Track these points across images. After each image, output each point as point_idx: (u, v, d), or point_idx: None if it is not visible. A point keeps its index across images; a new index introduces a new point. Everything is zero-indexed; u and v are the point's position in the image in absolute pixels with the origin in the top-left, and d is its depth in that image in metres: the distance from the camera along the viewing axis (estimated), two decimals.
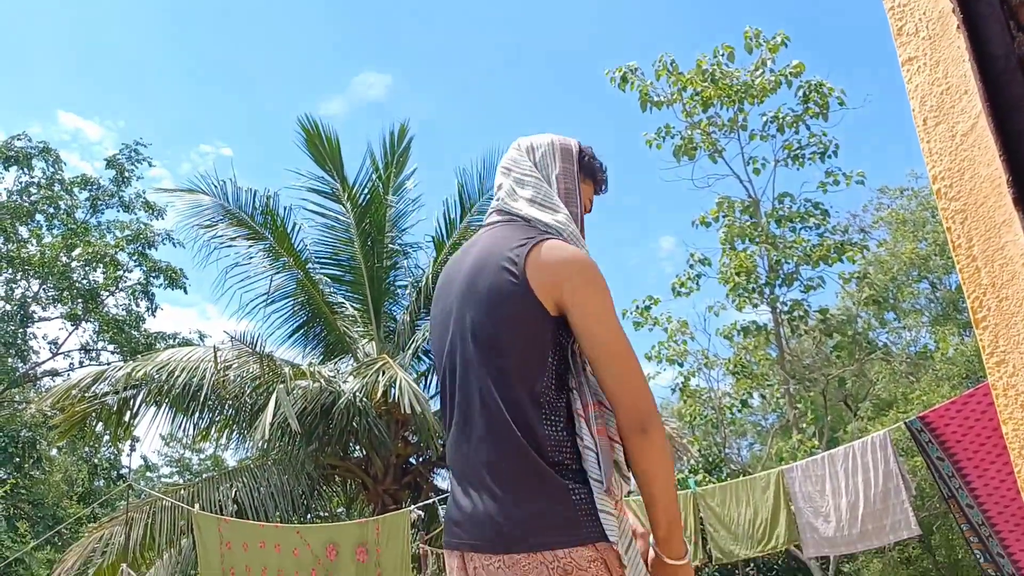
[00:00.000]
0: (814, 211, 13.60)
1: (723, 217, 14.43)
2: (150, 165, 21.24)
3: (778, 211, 13.98)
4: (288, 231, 11.75)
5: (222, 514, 9.34)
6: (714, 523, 7.58)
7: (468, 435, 1.76)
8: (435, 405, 11.94)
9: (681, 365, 15.63)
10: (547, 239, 1.75)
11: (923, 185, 20.51)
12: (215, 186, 11.54)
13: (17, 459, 16.64)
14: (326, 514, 12.63)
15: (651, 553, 1.76)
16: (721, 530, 7.54)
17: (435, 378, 12.73)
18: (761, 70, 13.80)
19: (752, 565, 8.65)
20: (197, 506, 8.07)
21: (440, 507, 10.76)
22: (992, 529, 4.61)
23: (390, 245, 12.34)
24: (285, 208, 11.88)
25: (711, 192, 22.31)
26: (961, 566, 17.30)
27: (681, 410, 16.61)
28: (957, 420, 4.78)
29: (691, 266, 14.91)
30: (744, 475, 11.02)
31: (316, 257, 12.36)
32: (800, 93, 13.72)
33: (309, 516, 11.37)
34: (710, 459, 11.78)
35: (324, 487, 12.00)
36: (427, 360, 12.62)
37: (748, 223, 14.32)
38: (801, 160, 13.65)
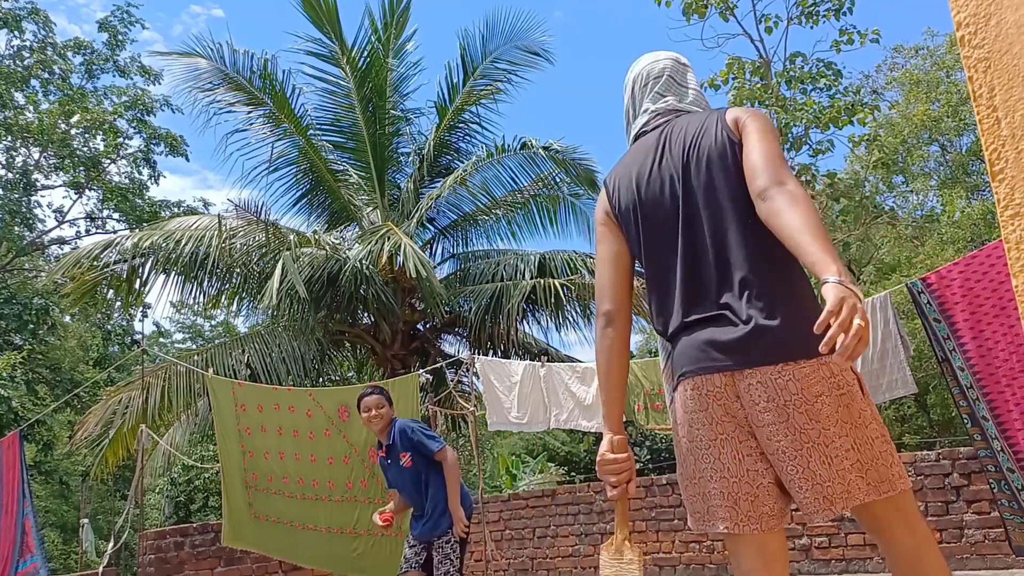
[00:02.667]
0: (826, 71, 13.21)
1: (732, 79, 14.03)
2: (143, 27, 20.64)
3: (789, 72, 13.60)
4: (288, 96, 11.50)
5: (236, 378, 9.59)
6: None
7: (715, 267, 1.98)
8: (440, 273, 12.04)
9: None
10: (726, 109, 2.15)
11: (939, 44, 19.86)
12: (211, 49, 11.23)
13: (32, 325, 16.96)
14: (337, 378, 12.95)
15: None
16: None
17: (441, 245, 12.77)
18: None
19: None
20: (211, 371, 8.26)
21: (447, 371, 11.02)
22: (980, 391, 4.71)
23: (392, 111, 12.10)
24: (284, 72, 11.60)
25: (721, 53, 21.65)
26: (955, 424, 17.84)
27: None
28: (958, 282, 4.81)
29: None
30: None
31: (317, 123, 12.15)
32: None
33: (321, 380, 11.67)
34: None
35: (334, 352, 12.27)
36: (432, 228, 12.62)
37: (758, 85, 13.95)
38: (815, 17, 13.16)
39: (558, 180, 12.26)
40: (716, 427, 1.96)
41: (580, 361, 10.67)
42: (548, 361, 8.26)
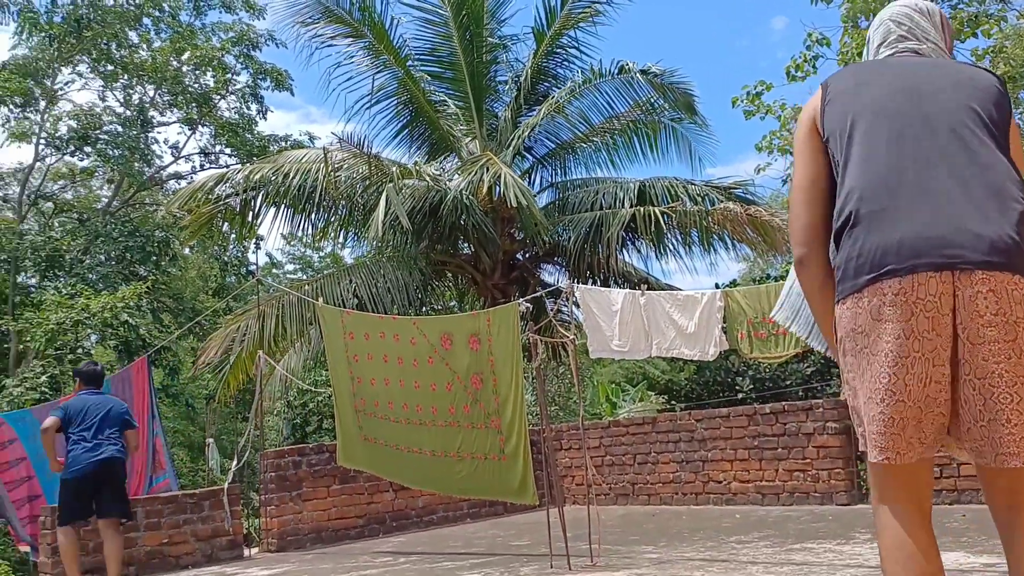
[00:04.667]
0: None
1: None
2: None
3: None
4: (386, 28, 11.56)
5: (344, 307, 9.95)
6: None
7: (967, 174, 1.81)
8: (539, 202, 12.05)
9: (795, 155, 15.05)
10: (992, 74, 2.08)
11: None
12: None
13: (154, 257, 17.92)
14: (439, 307, 13.25)
15: None
16: None
17: (540, 174, 12.73)
18: None
19: None
20: (321, 300, 8.58)
21: (547, 300, 11.11)
22: None
23: (489, 38, 12.00)
24: (382, 3, 11.60)
25: None
26: None
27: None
28: None
29: (808, 47, 13.96)
30: None
31: (416, 54, 12.19)
32: None
33: (424, 309, 11.96)
34: None
35: (436, 282, 12.53)
36: (529, 157, 12.59)
37: None
38: None
39: (656, 105, 11.99)
40: (913, 343, 1.74)
41: (680, 289, 10.59)
42: (648, 290, 8.23)
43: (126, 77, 19.88)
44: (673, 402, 12.01)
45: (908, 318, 1.74)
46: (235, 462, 7.98)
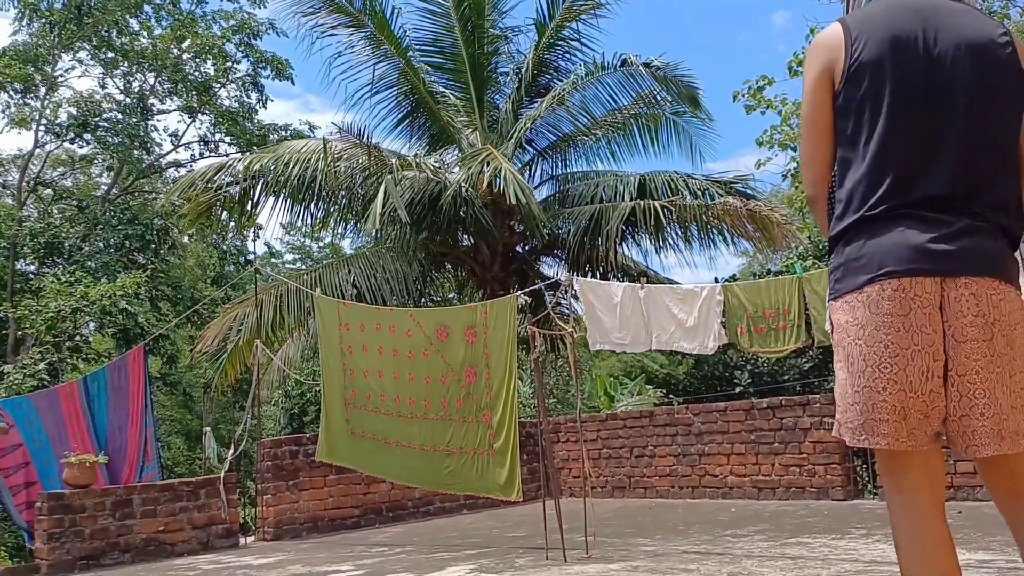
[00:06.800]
0: None
1: None
2: None
3: None
4: (388, 17, 11.50)
5: (343, 297, 9.94)
6: (818, 307, 7.59)
7: (957, 170, 1.89)
8: (539, 195, 12.02)
9: (795, 150, 15.05)
10: (1009, 32, 1.99)
11: None
12: None
13: (153, 245, 17.90)
14: (438, 298, 13.23)
15: None
16: (825, 313, 7.56)
17: (540, 167, 12.69)
18: None
19: None
20: (318, 290, 8.57)
21: (546, 293, 11.09)
22: None
23: (490, 30, 11.95)
24: None
25: None
26: None
27: (792, 196, 16.21)
28: None
29: (810, 42, 13.95)
30: None
31: (416, 45, 12.13)
32: None
33: (423, 300, 11.95)
34: (819, 246, 11.57)
35: (435, 273, 12.52)
36: (530, 149, 12.56)
37: None
38: None
39: (659, 98, 11.95)
40: (914, 336, 1.84)
41: (680, 283, 10.57)
42: (648, 283, 8.22)
43: (126, 64, 19.81)
44: (671, 396, 12.02)
45: (907, 312, 1.85)
46: (232, 451, 7.97)
